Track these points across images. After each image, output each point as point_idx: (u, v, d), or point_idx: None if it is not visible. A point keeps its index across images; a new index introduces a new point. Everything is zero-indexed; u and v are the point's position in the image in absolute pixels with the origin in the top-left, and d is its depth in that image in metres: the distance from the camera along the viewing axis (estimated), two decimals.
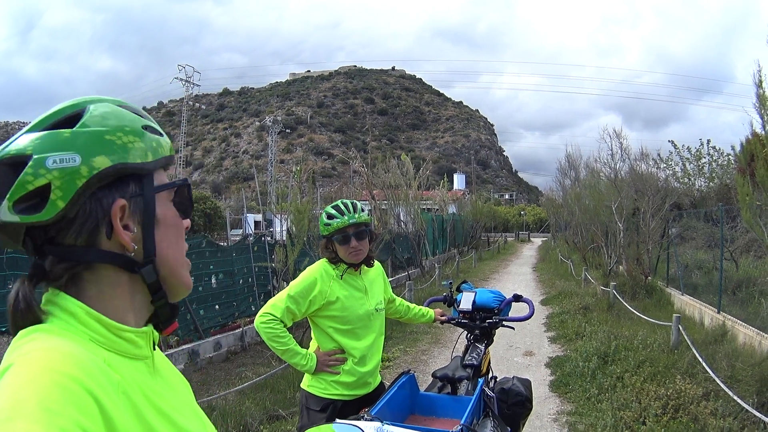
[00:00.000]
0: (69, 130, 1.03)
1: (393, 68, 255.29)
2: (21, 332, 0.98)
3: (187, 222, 1.22)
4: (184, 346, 9.31)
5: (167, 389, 1.13)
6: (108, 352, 1.02)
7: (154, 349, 1.17)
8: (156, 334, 1.18)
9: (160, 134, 1.17)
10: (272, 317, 3.40)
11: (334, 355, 3.49)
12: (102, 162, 1.03)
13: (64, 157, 1.00)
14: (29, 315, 0.99)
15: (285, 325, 3.43)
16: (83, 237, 1.04)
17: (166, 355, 5.65)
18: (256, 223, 41.45)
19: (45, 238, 1.03)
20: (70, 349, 0.93)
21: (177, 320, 1.20)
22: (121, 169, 1.05)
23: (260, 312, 3.45)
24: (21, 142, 1.01)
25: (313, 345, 3.63)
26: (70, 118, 1.05)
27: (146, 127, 1.13)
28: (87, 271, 1.06)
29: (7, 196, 0.99)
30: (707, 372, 7.27)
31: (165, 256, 1.13)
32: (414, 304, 4.35)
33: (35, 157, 0.99)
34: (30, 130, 1.04)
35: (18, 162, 0.99)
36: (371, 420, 2.61)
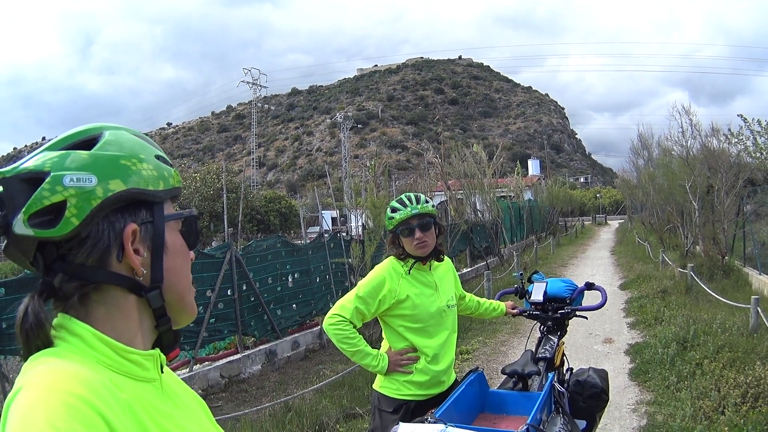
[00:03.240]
0: (87, 151, 1.06)
1: (460, 57, 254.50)
2: (30, 357, 0.99)
3: (192, 254, 1.24)
4: (261, 347, 9.39)
5: (177, 411, 1.13)
6: (115, 373, 1.02)
7: (162, 371, 1.16)
8: (163, 357, 1.18)
9: (170, 165, 1.20)
10: (341, 318, 3.33)
11: (406, 354, 3.40)
12: (117, 185, 1.05)
13: (81, 177, 1.03)
14: (40, 332, 1.00)
15: (354, 326, 3.36)
16: (94, 257, 1.05)
17: (244, 357, 5.69)
18: (333, 220, 41.87)
19: (56, 256, 1.04)
20: (77, 370, 0.94)
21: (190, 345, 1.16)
22: (135, 194, 1.08)
23: (329, 314, 3.40)
24: (38, 159, 1.04)
25: (385, 345, 3.54)
26: (88, 141, 1.09)
27: (158, 157, 1.17)
28: (96, 292, 1.06)
29: (23, 209, 1.00)
30: None
31: (172, 282, 1.15)
32: (484, 299, 4.22)
33: (53, 174, 1.01)
34: (48, 149, 1.06)
35: (35, 178, 1.02)
36: (435, 422, 2.51)
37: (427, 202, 3.46)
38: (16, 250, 1.05)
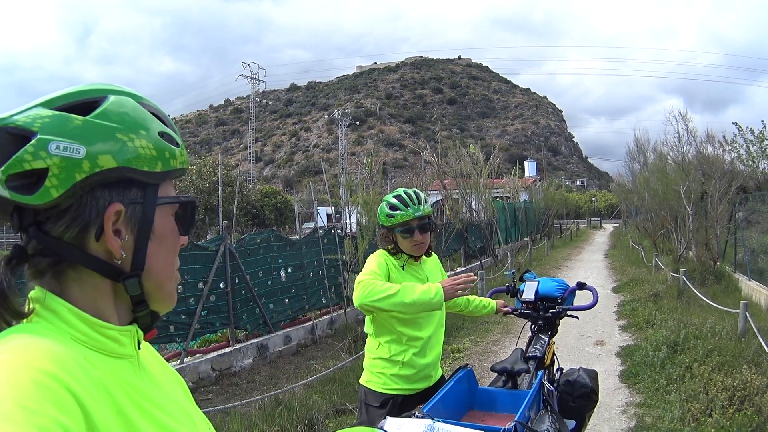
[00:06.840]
0: (82, 117, 0.96)
1: (459, 57, 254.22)
2: (1, 333, 0.92)
3: (185, 239, 1.16)
4: (253, 340, 9.38)
5: (154, 388, 1.07)
6: (90, 350, 0.96)
7: (139, 347, 1.10)
8: (141, 332, 1.10)
9: (176, 144, 1.09)
10: (375, 276, 3.25)
11: (461, 278, 3.24)
12: (107, 161, 0.97)
13: (69, 146, 0.93)
14: (4, 302, 0.93)
15: None
16: (71, 232, 0.97)
17: (236, 350, 5.63)
18: (329, 216, 41.84)
19: (33, 221, 0.97)
20: (48, 346, 0.88)
21: (158, 327, 1.12)
22: (126, 173, 0.99)
23: (357, 282, 3.21)
24: (30, 115, 0.94)
25: (369, 342, 3.53)
26: (87, 104, 0.99)
27: (163, 134, 1.06)
28: (71, 269, 1.00)
29: (2, 168, 0.92)
30: None
31: (154, 269, 1.07)
32: (474, 296, 4.18)
33: (39, 136, 0.92)
34: (43, 105, 0.97)
35: (21, 135, 0.93)
36: (422, 417, 2.50)
37: (425, 201, 3.47)
38: None
